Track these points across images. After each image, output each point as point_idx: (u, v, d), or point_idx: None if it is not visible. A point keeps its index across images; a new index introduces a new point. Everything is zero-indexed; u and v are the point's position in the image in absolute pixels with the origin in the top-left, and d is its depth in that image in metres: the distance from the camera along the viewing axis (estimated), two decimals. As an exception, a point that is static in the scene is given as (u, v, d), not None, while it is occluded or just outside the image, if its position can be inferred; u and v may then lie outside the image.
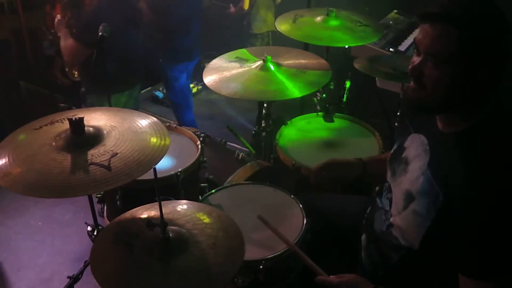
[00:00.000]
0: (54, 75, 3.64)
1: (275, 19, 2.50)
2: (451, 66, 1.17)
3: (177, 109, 3.69)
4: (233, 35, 4.52)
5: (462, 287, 1.21)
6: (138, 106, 3.17)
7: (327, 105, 2.49)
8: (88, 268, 1.37)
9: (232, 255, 1.34)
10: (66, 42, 2.70)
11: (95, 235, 1.99)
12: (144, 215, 1.48)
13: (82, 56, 2.70)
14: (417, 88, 1.24)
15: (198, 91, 4.73)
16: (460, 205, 1.17)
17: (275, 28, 2.43)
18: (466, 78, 1.17)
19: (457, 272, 1.21)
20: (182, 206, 1.53)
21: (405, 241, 1.35)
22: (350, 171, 1.74)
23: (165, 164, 2.07)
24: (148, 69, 3.19)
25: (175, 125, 2.36)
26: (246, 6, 4.44)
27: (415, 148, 1.37)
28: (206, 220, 1.45)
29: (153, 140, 1.30)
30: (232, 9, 4.43)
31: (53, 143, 1.25)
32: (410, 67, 1.25)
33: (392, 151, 1.53)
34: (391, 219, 1.41)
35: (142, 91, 3.72)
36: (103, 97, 2.36)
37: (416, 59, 1.23)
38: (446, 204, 1.21)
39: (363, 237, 1.57)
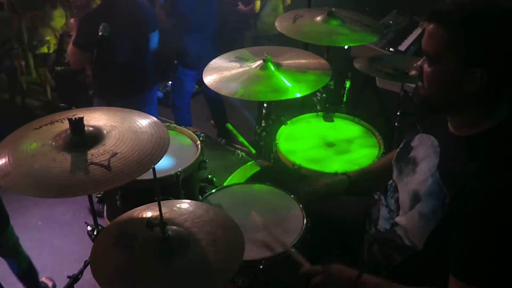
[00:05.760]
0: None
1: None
2: (441, 65, 1.19)
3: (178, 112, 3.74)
4: (239, 34, 4.49)
5: None
6: (156, 110, 3.17)
7: (327, 105, 2.49)
8: (88, 268, 1.37)
9: (232, 251, 1.34)
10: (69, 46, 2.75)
11: (95, 235, 1.99)
12: (144, 215, 1.48)
13: (79, 60, 2.72)
14: (422, 86, 1.27)
15: (198, 91, 4.72)
16: (464, 208, 1.17)
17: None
18: (460, 78, 1.17)
19: (451, 274, 1.19)
20: (180, 205, 1.53)
21: (409, 241, 1.35)
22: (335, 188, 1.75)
23: (165, 164, 2.07)
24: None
25: (175, 125, 2.36)
26: (257, 7, 4.43)
27: (425, 149, 1.37)
28: (204, 218, 1.45)
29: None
30: (241, 6, 4.39)
31: (53, 143, 1.25)
32: (414, 65, 1.29)
33: (398, 149, 1.53)
34: (396, 219, 1.41)
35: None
36: (106, 102, 2.36)
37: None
38: (452, 207, 1.20)
39: (366, 236, 1.57)
